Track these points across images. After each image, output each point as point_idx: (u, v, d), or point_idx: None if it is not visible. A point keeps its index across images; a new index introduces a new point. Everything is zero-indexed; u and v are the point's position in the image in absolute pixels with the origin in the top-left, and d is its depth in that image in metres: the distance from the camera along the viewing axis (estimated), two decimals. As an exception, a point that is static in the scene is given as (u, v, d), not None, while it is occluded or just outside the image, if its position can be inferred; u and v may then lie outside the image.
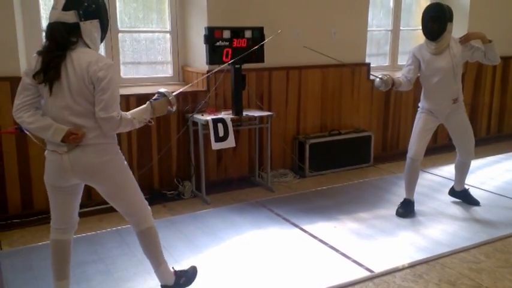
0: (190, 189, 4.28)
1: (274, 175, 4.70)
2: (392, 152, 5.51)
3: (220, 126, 3.94)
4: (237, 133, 4.33)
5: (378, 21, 5.70)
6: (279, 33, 3.74)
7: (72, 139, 2.14)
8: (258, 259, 3.11)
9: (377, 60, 5.72)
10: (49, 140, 2.19)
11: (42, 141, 2.30)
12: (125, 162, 2.37)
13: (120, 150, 2.36)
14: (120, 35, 4.33)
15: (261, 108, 4.53)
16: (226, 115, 4.07)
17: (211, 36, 3.93)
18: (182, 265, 2.99)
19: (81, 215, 3.71)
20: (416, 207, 3.90)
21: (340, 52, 5.00)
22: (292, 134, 4.89)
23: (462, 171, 3.92)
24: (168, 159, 4.24)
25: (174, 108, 2.46)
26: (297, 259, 3.10)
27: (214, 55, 3.97)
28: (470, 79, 5.95)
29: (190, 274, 2.69)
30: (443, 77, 3.54)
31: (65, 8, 2.09)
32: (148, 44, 4.54)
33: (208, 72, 4.22)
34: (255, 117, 4.38)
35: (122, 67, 4.38)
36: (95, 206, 3.85)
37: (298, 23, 4.71)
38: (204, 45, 3.98)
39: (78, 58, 2.11)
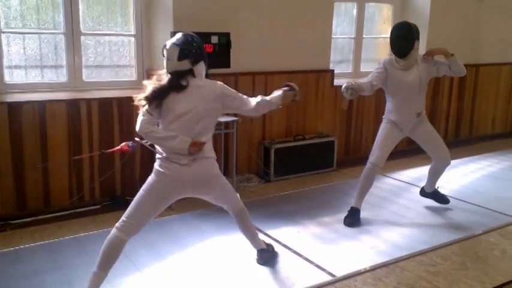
0: (155, 194, 4.22)
1: (240, 180, 4.71)
2: (355, 157, 5.64)
3: (185, 131, 3.91)
4: (202, 138, 4.30)
5: (341, 29, 5.82)
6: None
7: (198, 147, 2.51)
8: (222, 265, 3.11)
9: (341, 67, 5.84)
10: (171, 150, 2.52)
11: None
12: None
13: None
14: (82, 37, 4.24)
15: (226, 113, 4.52)
16: (191, 120, 4.05)
17: (177, 41, 3.90)
18: (144, 274, 2.96)
19: (38, 222, 3.66)
20: (377, 211, 4.01)
21: (306, 59, 5.10)
22: (257, 139, 4.92)
23: (435, 175, 4.05)
24: (131, 164, 4.18)
25: (298, 97, 2.90)
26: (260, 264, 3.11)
27: (179, 60, 3.93)
28: (428, 86, 6.14)
29: (272, 248, 3.21)
30: (409, 91, 3.68)
31: (179, 58, 2.54)
32: (112, 47, 4.47)
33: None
34: (220, 123, 4.37)
35: (84, 70, 4.29)
36: (53, 213, 3.75)
37: (264, 29, 4.76)
38: (169, 49, 3.94)
39: (198, 87, 2.58)
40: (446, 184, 4.81)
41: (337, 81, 5.39)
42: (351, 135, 5.64)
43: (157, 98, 2.51)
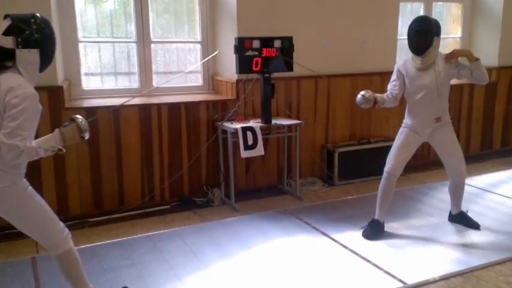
0: (220, 196, 4.32)
1: (303, 183, 4.69)
2: (424, 162, 5.41)
3: (249, 134, 3.98)
4: (265, 141, 4.35)
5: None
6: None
7: None
8: (286, 266, 3.10)
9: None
10: None
11: None
12: (28, 190, 2.23)
13: (24, 179, 2.23)
14: (152, 45, 4.43)
15: (289, 117, 4.54)
16: (255, 123, 4.10)
17: (241, 46, 3.99)
18: (211, 271, 3.03)
19: (113, 220, 3.85)
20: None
21: (370, 61, 5.00)
22: (320, 143, 4.88)
23: (456, 193, 3.67)
24: (198, 167, 4.30)
25: (87, 135, 2.25)
26: (327, 268, 3.08)
27: (244, 65, 4.01)
28: (503, 89, 5.80)
29: None
30: (426, 94, 3.39)
31: (5, 32, 2.10)
32: (180, 54, 4.64)
33: (238, 81, 4.30)
34: (283, 126, 4.40)
35: (154, 76, 4.48)
36: (127, 212, 3.94)
37: (327, 31, 4.72)
38: (234, 54, 4.03)
39: (2, 83, 2.08)
40: (525, 191, 4.51)
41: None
42: (418, 139, 5.42)
43: None
